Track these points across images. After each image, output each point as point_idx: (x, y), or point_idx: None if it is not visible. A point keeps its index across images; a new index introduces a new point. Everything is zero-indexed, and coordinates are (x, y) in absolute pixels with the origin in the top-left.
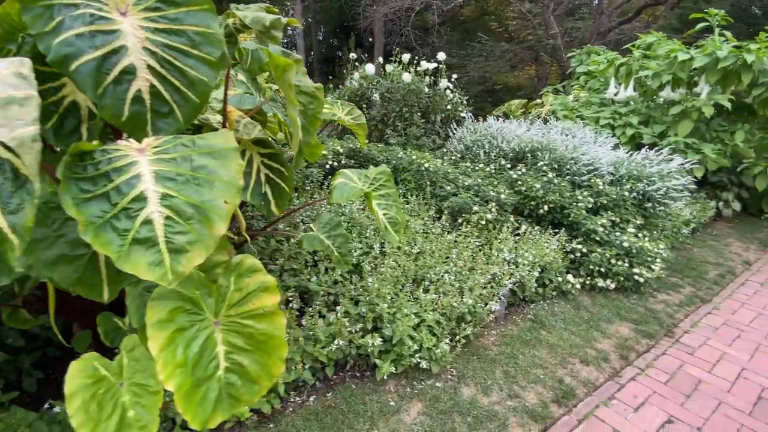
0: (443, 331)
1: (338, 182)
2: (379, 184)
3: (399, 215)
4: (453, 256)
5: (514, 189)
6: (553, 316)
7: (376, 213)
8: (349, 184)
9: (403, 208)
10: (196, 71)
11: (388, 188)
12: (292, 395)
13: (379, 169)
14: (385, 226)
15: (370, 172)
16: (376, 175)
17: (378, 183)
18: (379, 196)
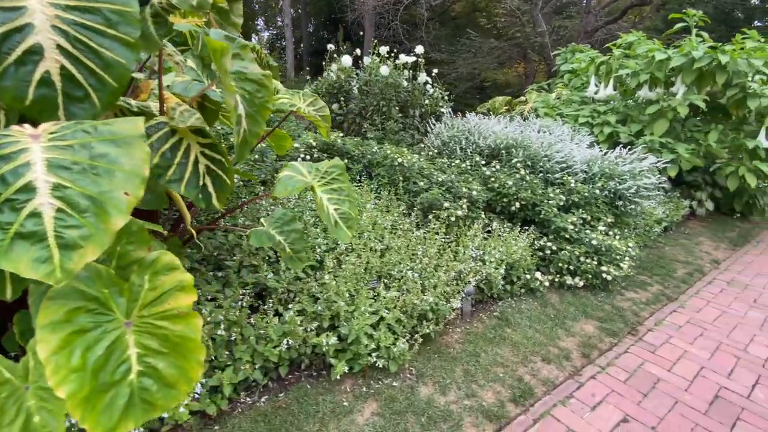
0: (404, 329)
1: (284, 175)
2: (331, 177)
3: (353, 210)
4: (419, 252)
5: (488, 186)
6: (520, 314)
7: (325, 208)
8: (295, 178)
9: (358, 203)
10: (113, 53)
11: (341, 182)
12: (243, 395)
13: (331, 162)
14: (335, 222)
15: (322, 165)
16: (328, 168)
17: (330, 176)
18: (331, 190)
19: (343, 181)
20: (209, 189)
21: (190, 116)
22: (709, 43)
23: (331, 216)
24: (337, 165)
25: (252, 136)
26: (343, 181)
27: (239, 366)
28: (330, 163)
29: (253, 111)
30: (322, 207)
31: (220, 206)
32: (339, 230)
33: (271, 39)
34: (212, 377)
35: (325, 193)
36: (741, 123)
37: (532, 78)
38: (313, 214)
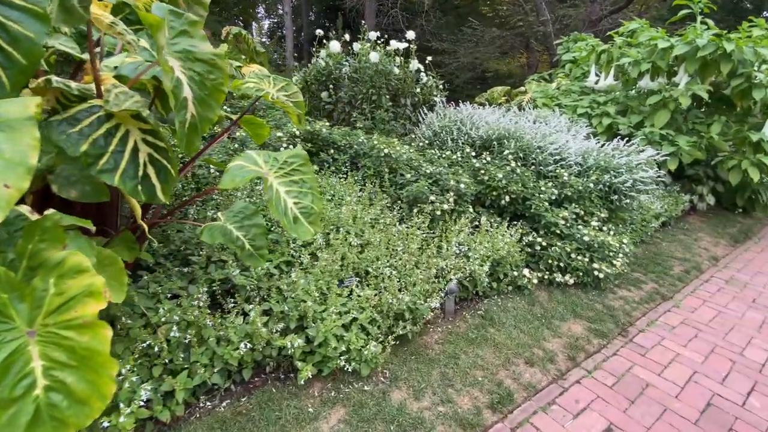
0: (379, 330)
1: (234, 165)
2: (292, 168)
3: (316, 204)
4: (399, 248)
5: (477, 178)
6: (505, 313)
7: (282, 201)
8: (246, 168)
9: (322, 196)
10: (21, 26)
11: (303, 173)
12: (203, 399)
13: (293, 151)
14: (294, 217)
15: (282, 154)
16: (288, 157)
17: (290, 167)
18: (291, 182)
19: (306, 172)
20: (152, 180)
21: (127, 99)
22: (714, 30)
23: (289, 210)
24: (298, 155)
25: (204, 121)
26: (306, 172)
27: (196, 369)
28: (291, 153)
29: (204, 94)
30: (278, 201)
31: (165, 199)
32: (299, 226)
33: (271, 27)
34: (165, 382)
35: (283, 185)
36: (745, 115)
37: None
38: None
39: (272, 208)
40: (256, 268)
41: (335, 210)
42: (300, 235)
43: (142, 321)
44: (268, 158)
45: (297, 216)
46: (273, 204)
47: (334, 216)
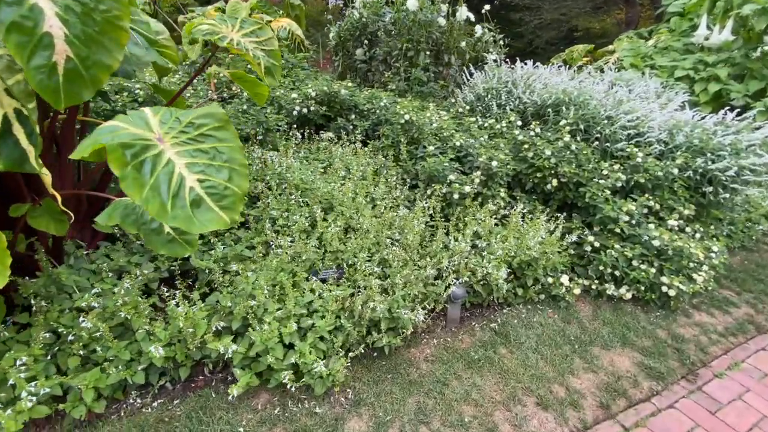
0: (347, 339)
1: (105, 127)
2: (200, 133)
3: (237, 182)
4: (396, 237)
5: (519, 155)
6: (527, 329)
7: (175, 178)
8: (121, 131)
9: (245, 171)
10: None
11: (218, 140)
12: (134, 396)
13: (204, 110)
14: (193, 200)
15: (189, 113)
16: (195, 119)
17: (198, 131)
18: (197, 152)
19: (223, 139)
20: (22, 144)
21: None
22: None
23: (185, 191)
24: (212, 114)
25: (96, 67)
26: (223, 138)
27: (117, 365)
28: (201, 112)
29: (92, 31)
30: (167, 176)
31: (37, 168)
32: (205, 212)
33: None
34: (75, 376)
35: (182, 156)
36: None
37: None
38: (276, 178)
39: (136, 189)
40: (179, 257)
41: (328, 186)
42: (200, 225)
43: (70, 303)
44: (168, 118)
45: (200, 198)
46: (151, 181)
47: (327, 193)
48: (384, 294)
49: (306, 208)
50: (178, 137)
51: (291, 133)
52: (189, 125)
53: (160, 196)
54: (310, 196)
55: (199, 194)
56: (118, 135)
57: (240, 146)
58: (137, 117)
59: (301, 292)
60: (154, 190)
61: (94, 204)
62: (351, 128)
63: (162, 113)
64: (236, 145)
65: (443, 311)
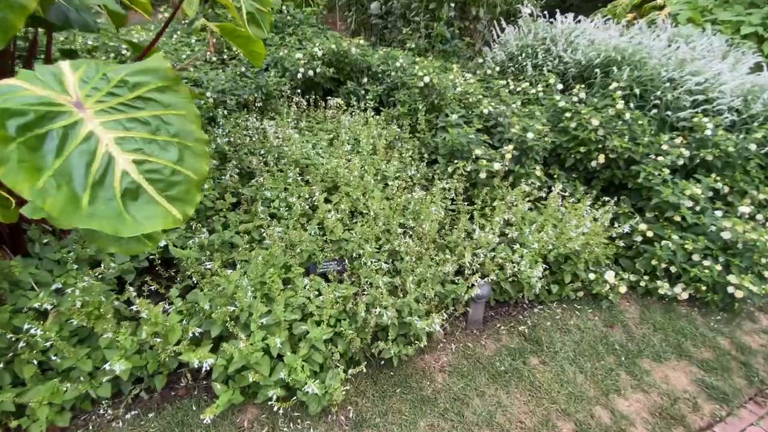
0: (349, 348)
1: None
2: (136, 96)
3: (188, 166)
4: (410, 225)
5: (559, 125)
6: (563, 334)
7: (98, 159)
8: (19, 92)
9: (203, 148)
10: None
11: (161, 106)
12: (105, 405)
13: (142, 64)
14: (133, 189)
15: (120, 71)
16: (129, 75)
17: (132, 94)
18: (132, 122)
19: (170, 104)
20: None
21: None
22: None
23: (116, 176)
24: (154, 70)
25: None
26: (170, 103)
27: (78, 375)
28: (139, 66)
29: None
30: (90, 157)
31: None
32: (145, 206)
33: None
34: (32, 389)
35: (112, 129)
36: None
37: None
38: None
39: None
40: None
41: (332, 162)
42: (135, 225)
43: (26, 301)
44: (92, 75)
45: (137, 186)
46: (56, 165)
47: (331, 170)
48: (393, 295)
49: (305, 188)
50: (104, 101)
51: (295, 99)
52: (121, 85)
53: (69, 186)
54: (312, 174)
55: (136, 181)
56: (9, 98)
57: (195, 114)
58: (48, 73)
59: (296, 292)
60: (61, 177)
61: None
62: (362, 93)
63: (84, 68)
64: (190, 113)
65: (464, 314)
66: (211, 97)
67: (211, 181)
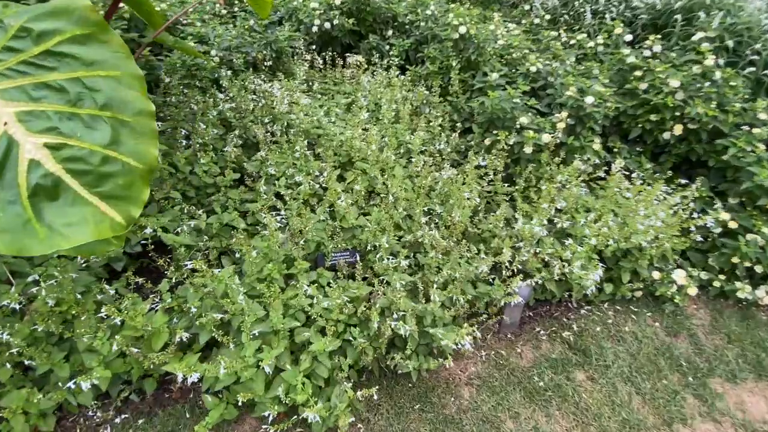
0: (359, 359)
1: None
2: (41, 50)
3: (128, 151)
4: (437, 211)
5: (625, 86)
6: (615, 343)
7: None
8: None
9: (150, 124)
10: None
11: (82, 64)
12: (94, 407)
13: (48, 6)
14: (48, 185)
15: (20, 14)
16: (31, 21)
17: (36, 48)
18: (38, 88)
19: (95, 62)
20: None
21: None
22: None
23: (21, 168)
24: (64, 11)
25: None
26: (95, 60)
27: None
28: (44, 8)
29: None
30: None
31: None
32: (67, 208)
33: None
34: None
35: (12, 101)
36: None
37: None
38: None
39: None
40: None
41: (347, 132)
42: (51, 237)
43: None
44: None
45: (58, 183)
46: None
47: (347, 141)
48: (414, 296)
49: (315, 163)
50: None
51: (309, 57)
52: (21, 35)
53: None
54: (323, 146)
55: (54, 174)
56: None
57: (135, 75)
58: None
59: (298, 292)
60: None
61: None
62: (386, 49)
63: None
64: (126, 75)
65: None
66: (216, 56)
67: (213, 153)
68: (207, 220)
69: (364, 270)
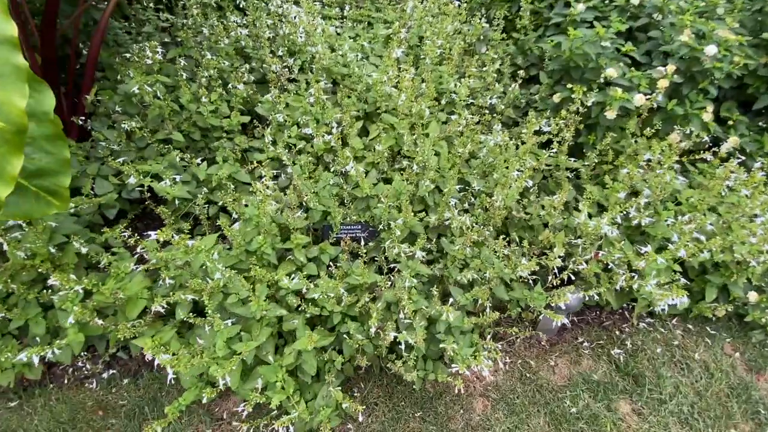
0: (356, 357)
1: None
2: None
3: None
4: (468, 189)
5: (762, 35)
6: (678, 371)
7: None
8: None
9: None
10: None
11: None
12: (84, 358)
13: None
14: None
15: None
16: None
17: None
18: None
19: None
20: None
21: None
22: None
23: None
24: None
25: None
26: None
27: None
28: None
29: None
30: None
31: None
32: None
33: None
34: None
35: None
36: None
37: None
38: None
39: None
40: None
41: (372, 75)
42: None
43: None
44: None
45: None
46: None
47: (374, 85)
48: (429, 289)
49: (332, 112)
50: None
51: None
52: None
53: None
54: (346, 89)
55: None
56: None
57: None
58: None
59: (295, 265)
60: None
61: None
62: None
63: None
64: None
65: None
66: None
67: (221, 88)
68: (207, 170)
69: (376, 250)
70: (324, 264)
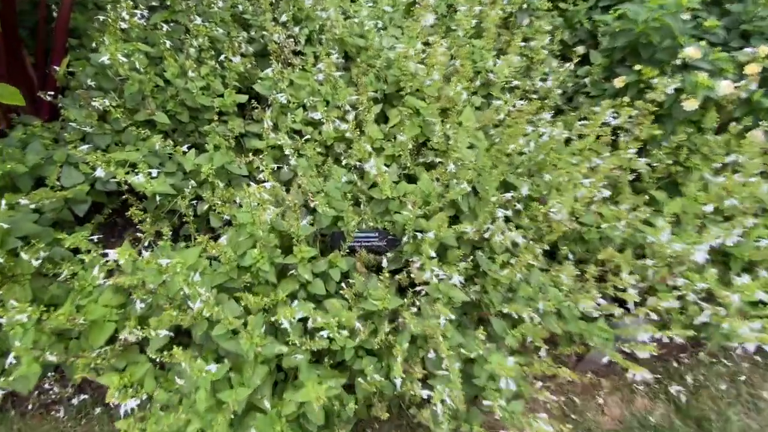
0: (369, 396)
1: None
2: None
3: None
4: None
5: None
6: (745, 411)
7: None
8: None
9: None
10: None
11: None
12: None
13: None
14: None
15: None
16: None
17: None
18: None
19: None
20: None
21: None
22: None
23: None
24: None
25: None
26: None
27: None
28: None
29: None
30: None
31: None
32: None
33: None
34: None
35: None
36: None
37: None
38: None
39: None
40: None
41: (396, 48)
42: None
43: None
44: None
45: None
46: None
47: (396, 60)
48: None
49: (344, 92)
50: None
51: None
52: None
53: None
54: (363, 65)
55: None
56: None
57: None
58: None
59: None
60: None
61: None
62: None
63: None
64: None
65: None
66: None
67: (213, 61)
68: (195, 160)
69: (396, 261)
70: (333, 280)
